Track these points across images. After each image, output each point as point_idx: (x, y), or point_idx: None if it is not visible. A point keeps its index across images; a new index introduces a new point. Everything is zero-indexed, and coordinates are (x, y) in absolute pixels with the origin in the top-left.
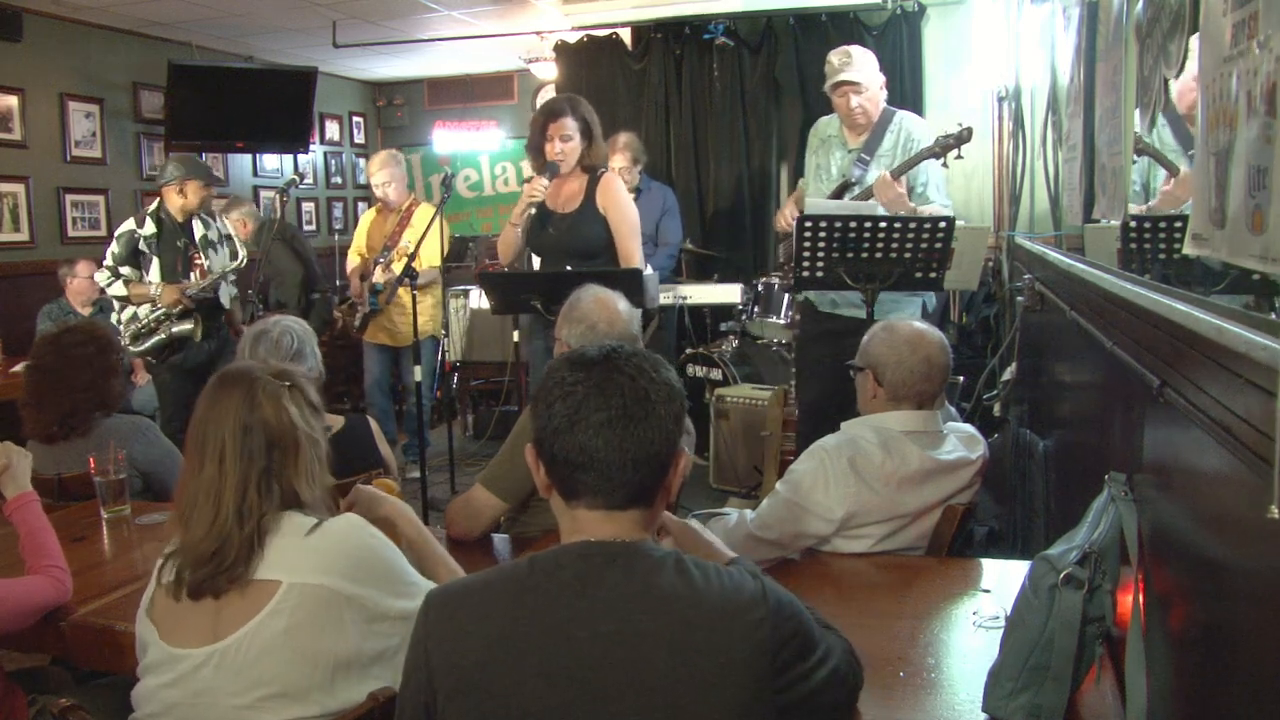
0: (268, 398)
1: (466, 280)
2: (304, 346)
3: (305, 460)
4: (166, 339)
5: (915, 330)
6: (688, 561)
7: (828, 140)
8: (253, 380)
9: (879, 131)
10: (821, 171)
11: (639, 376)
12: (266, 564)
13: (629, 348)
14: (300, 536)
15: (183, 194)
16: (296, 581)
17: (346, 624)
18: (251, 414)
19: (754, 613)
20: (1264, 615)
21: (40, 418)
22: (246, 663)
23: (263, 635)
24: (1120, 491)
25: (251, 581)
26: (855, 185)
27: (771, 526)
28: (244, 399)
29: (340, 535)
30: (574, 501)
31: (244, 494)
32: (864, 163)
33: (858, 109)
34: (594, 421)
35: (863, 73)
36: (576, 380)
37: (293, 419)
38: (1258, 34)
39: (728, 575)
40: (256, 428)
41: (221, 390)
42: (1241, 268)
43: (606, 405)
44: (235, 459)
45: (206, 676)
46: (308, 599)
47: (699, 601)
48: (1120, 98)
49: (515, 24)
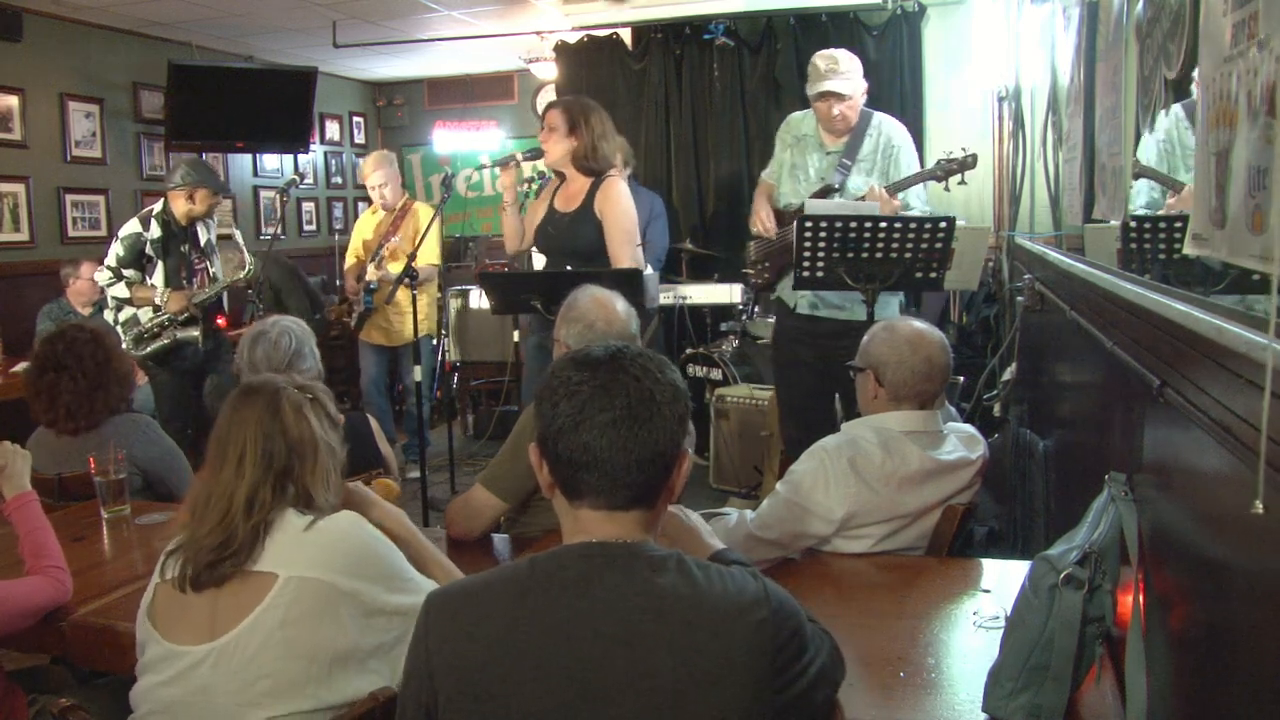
0: (291, 407)
1: (466, 280)
2: (303, 347)
3: (323, 467)
4: (170, 344)
5: (916, 330)
6: (689, 562)
7: (803, 139)
8: (276, 391)
9: (858, 135)
10: (798, 171)
11: (644, 377)
12: (265, 557)
13: (634, 348)
14: (299, 531)
15: (192, 200)
16: (293, 575)
17: (343, 618)
18: (274, 422)
19: (756, 614)
20: (1264, 615)
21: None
22: (245, 658)
23: (260, 630)
24: (1120, 491)
25: (250, 573)
26: (838, 192)
27: (772, 526)
28: (267, 408)
29: (338, 531)
30: (577, 501)
31: (257, 491)
32: (845, 168)
33: (839, 116)
34: (599, 421)
35: (849, 83)
36: (582, 380)
37: (313, 428)
38: (1258, 34)
39: (729, 576)
40: (278, 435)
41: (245, 400)
42: (1241, 268)
43: (611, 405)
44: (254, 462)
45: (205, 673)
46: (305, 593)
47: (700, 602)
48: (1120, 98)
49: (515, 24)
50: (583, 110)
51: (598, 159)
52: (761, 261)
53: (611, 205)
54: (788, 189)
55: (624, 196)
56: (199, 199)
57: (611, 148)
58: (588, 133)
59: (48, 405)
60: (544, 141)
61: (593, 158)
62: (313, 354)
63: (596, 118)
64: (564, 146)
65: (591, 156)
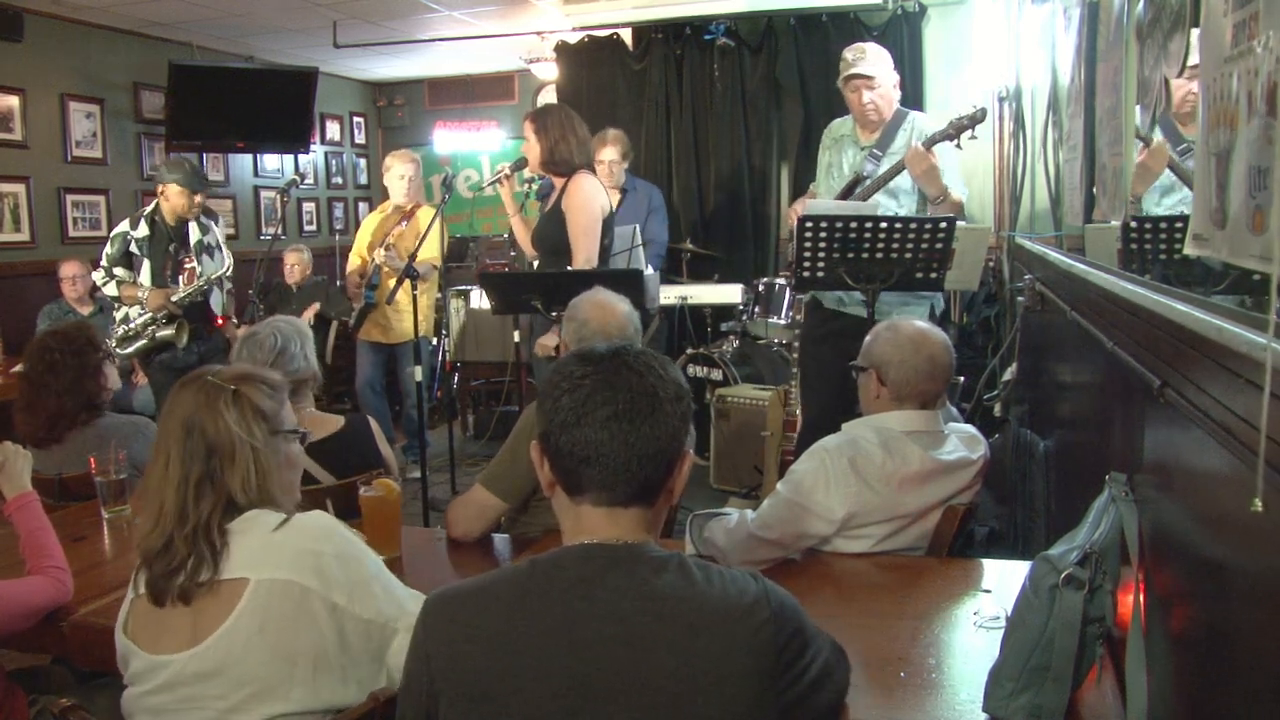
0: (207, 403)
1: (467, 280)
2: (289, 345)
3: (242, 467)
4: (150, 344)
5: (919, 329)
6: (690, 563)
7: (840, 140)
8: (201, 384)
9: (891, 129)
10: (834, 169)
11: (647, 373)
12: (233, 563)
13: (637, 346)
14: (268, 532)
15: (165, 196)
16: (264, 578)
17: (318, 620)
18: (193, 417)
19: (758, 615)
20: (1264, 615)
21: (30, 421)
22: (228, 664)
23: (239, 635)
24: (1121, 492)
25: (220, 582)
26: (866, 179)
27: (772, 526)
28: (191, 402)
29: (307, 531)
30: (578, 497)
31: (184, 495)
32: (876, 158)
33: (869, 104)
34: (601, 416)
35: (876, 67)
36: (584, 374)
37: (229, 425)
38: (1258, 34)
39: (730, 577)
40: (196, 432)
41: (177, 393)
42: (1242, 268)
43: (614, 399)
44: (179, 461)
45: (190, 681)
46: (276, 595)
47: (702, 604)
48: (1121, 98)
49: (516, 24)
50: (543, 116)
51: (556, 161)
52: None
53: (572, 202)
54: (824, 188)
55: (582, 192)
56: (170, 195)
57: (569, 148)
58: (546, 138)
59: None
60: (524, 151)
61: (552, 160)
62: (302, 353)
63: (555, 122)
64: (533, 152)
65: (550, 160)
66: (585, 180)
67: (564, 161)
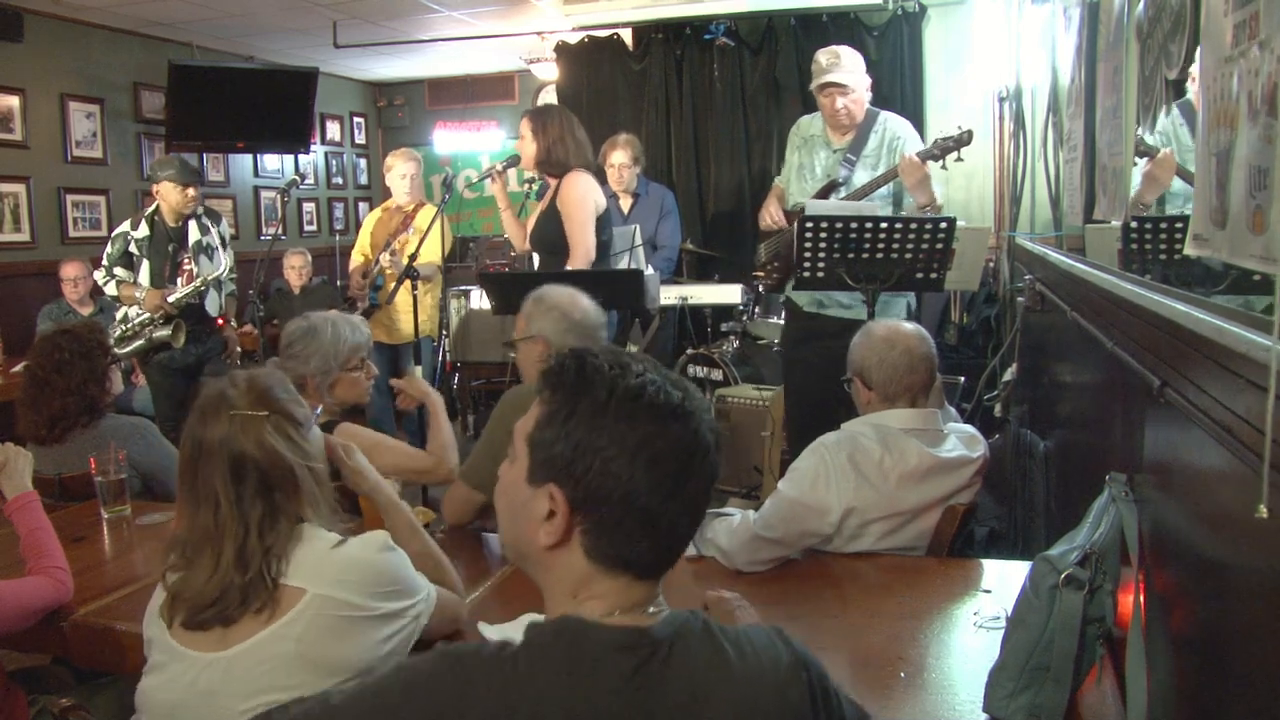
0: (249, 436)
1: (467, 280)
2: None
3: (306, 489)
4: (147, 344)
5: (889, 327)
6: (714, 630)
7: (810, 139)
8: (227, 418)
9: (864, 132)
10: (805, 171)
11: (711, 429)
12: (292, 571)
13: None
14: (327, 548)
15: (160, 195)
16: (320, 592)
17: (360, 639)
18: (239, 457)
19: (797, 686)
20: (1264, 615)
21: (34, 419)
22: (256, 669)
23: (276, 642)
24: (1121, 492)
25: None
26: (842, 185)
27: (775, 526)
28: (228, 440)
29: (366, 553)
30: (618, 571)
31: (244, 542)
32: (850, 163)
33: (842, 110)
34: (690, 491)
35: (851, 75)
36: (655, 433)
37: (282, 453)
38: (1258, 34)
39: (759, 646)
40: (249, 471)
41: (201, 431)
42: (1242, 268)
43: (692, 470)
44: (231, 507)
45: (214, 678)
46: (327, 610)
47: (739, 681)
48: (1121, 98)
49: (516, 24)
50: (542, 116)
51: (551, 162)
52: (770, 262)
53: (565, 198)
54: (795, 189)
55: (575, 188)
56: (164, 192)
57: (566, 150)
58: (544, 138)
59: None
60: (519, 149)
61: (548, 160)
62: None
63: (554, 123)
64: (529, 152)
65: (546, 159)
66: (579, 177)
67: (559, 162)
